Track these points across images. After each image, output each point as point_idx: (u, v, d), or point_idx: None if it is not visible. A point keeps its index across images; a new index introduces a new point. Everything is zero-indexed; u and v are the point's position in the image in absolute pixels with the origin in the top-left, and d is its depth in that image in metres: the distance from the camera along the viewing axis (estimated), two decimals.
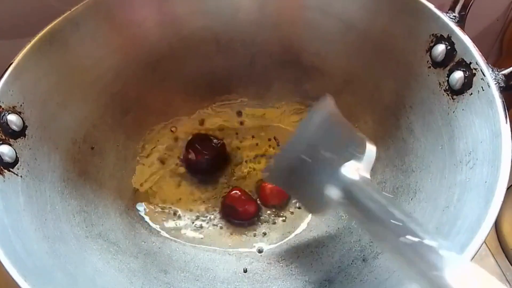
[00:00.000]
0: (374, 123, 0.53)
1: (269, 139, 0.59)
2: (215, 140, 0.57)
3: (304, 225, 0.53)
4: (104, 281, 0.41)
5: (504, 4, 0.66)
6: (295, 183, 0.42)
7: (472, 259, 0.32)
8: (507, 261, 0.55)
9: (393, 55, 0.48)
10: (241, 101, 0.61)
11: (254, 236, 0.52)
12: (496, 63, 0.74)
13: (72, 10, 0.45)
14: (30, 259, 0.35)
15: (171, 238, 0.52)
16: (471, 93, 0.40)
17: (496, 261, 0.54)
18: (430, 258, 0.29)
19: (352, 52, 0.52)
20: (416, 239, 0.30)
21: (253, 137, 0.60)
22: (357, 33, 0.50)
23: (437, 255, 0.29)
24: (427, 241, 0.30)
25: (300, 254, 0.50)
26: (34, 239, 0.38)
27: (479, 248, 0.32)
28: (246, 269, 0.49)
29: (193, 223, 0.53)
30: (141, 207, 0.53)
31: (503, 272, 0.53)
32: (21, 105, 0.42)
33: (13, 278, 0.32)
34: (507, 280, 0.53)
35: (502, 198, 0.33)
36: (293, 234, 0.52)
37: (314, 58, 0.55)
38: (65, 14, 0.45)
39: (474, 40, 0.40)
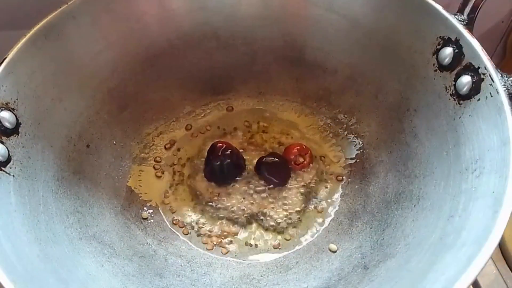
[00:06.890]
0: (377, 126, 0.52)
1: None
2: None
3: (304, 231, 0.51)
4: (97, 286, 0.40)
5: (510, 6, 0.66)
6: None
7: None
8: (507, 267, 0.54)
9: (398, 55, 0.47)
10: (241, 99, 0.60)
11: (253, 240, 0.51)
12: (499, 64, 0.73)
13: (69, 3, 0.44)
14: (20, 263, 0.34)
15: (167, 240, 0.50)
16: (479, 99, 0.38)
17: (497, 268, 0.53)
18: None
19: (356, 49, 0.51)
20: None
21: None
22: (362, 31, 0.49)
23: None
24: None
25: (299, 260, 0.49)
26: (25, 241, 0.37)
27: (486, 262, 0.31)
28: (244, 273, 0.48)
29: (190, 225, 0.52)
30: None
31: (504, 280, 0.52)
32: (14, 101, 0.41)
33: (1, 284, 0.31)
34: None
35: (511, 210, 0.32)
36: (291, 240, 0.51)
37: (317, 54, 0.54)
38: (62, 7, 0.44)
39: (478, 40, 0.39)
